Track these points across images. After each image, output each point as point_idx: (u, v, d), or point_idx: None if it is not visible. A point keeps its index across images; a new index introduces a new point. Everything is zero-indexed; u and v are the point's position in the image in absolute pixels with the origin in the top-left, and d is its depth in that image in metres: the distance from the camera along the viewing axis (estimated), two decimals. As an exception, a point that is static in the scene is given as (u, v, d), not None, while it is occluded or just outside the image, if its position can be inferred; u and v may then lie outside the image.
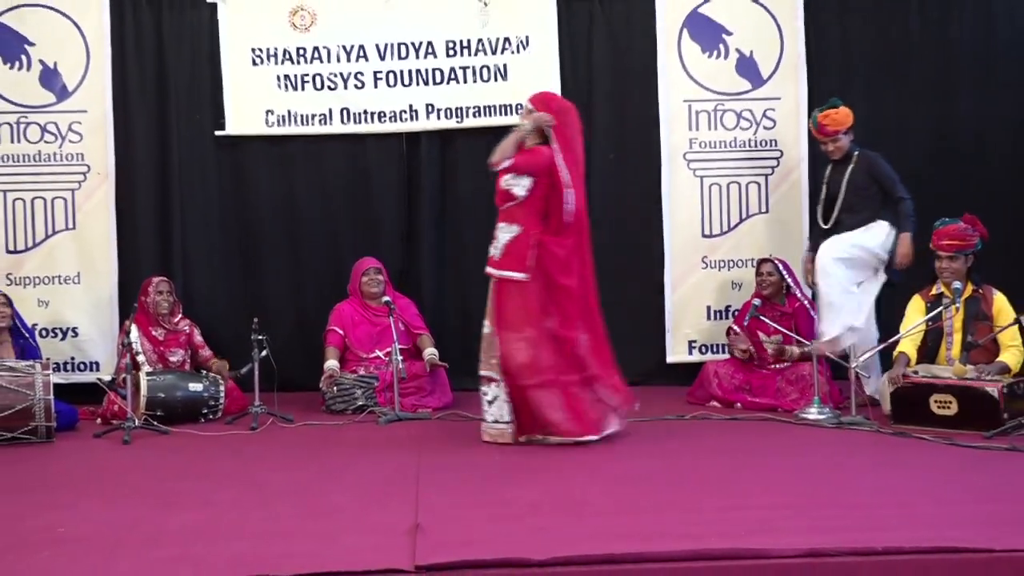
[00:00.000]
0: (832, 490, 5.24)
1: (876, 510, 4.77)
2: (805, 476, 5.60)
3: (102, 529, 4.75)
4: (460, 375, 8.32)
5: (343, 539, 4.47)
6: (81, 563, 4.20)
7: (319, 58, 8.79)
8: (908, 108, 9.04)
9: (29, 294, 8.57)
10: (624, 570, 4.06)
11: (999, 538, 4.20)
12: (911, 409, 6.74)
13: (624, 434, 6.72)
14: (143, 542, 4.52)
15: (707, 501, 5.06)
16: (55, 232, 8.69)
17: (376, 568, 4.02)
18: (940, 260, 7.19)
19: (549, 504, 5.04)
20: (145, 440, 6.96)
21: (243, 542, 4.47)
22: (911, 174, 8.87)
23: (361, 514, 4.91)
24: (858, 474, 5.62)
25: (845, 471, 5.69)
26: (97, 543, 4.51)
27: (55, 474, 6.12)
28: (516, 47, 8.83)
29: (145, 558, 4.26)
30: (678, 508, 4.93)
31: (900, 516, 4.65)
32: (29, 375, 6.95)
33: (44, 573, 4.09)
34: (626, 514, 4.84)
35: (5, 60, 8.63)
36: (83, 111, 8.68)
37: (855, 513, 4.71)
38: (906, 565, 4.09)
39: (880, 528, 4.41)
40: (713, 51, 8.92)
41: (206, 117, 8.81)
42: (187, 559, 4.21)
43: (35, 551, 4.40)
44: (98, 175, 8.69)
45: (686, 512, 4.83)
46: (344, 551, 4.25)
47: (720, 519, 4.64)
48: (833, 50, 9.02)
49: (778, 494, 5.17)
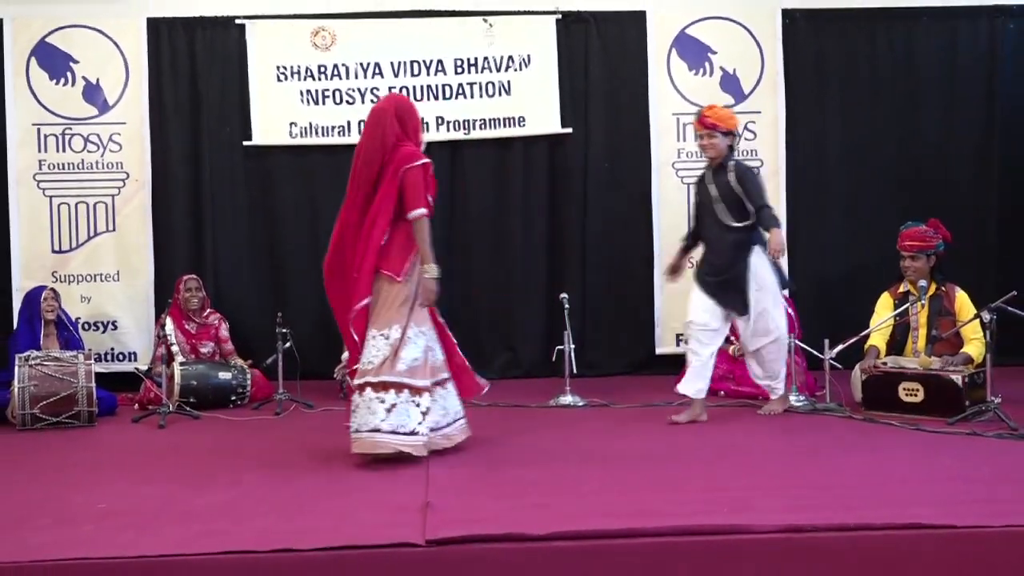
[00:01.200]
0: (808, 471, 5.24)
1: (848, 490, 4.77)
2: (783, 459, 5.60)
3: (139, 505, 4.76)
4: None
5: (359, 516, 4.47)
6: (120, 536, 4.20)
7: (339, 75, 8.78)
8: (878, 120, 9.01)
9: (73, 290, 8.57)
10: (617, 544, 4.05)
11: (961, 515, 4.20)
12: (881, 397, 6.73)
13: (617, 420, 6.71)
14: (176, 517, 4.53)
15: (693, 481, 5.06)
16: (97, 234, 8.68)
17: (389, 542, 4.02)
18: (904, 259, 7.20)
19: (548, 483, 5.04)
20: (178, 424, 6.96)
21: (267, 518, 4.47)
22: (881, 181, 8.91)
23: (376, 493, 4.91)
24: (832, 457, 5.61)
25: (820, 454, 5.68)
26: (134, 518, 4.52)
27: (96, 455, 6.13)
28: (519, 64, 8.82)
29: (178, 532, 4.26)
30: (667, 487, 4.93)
31: (870, 495, 4.64)
32: (73, 364, 6.96)
33: (86, 545, 4.09)
34: (618, 493, 4.84)
35: (52, 76, 8.62)
36: (122, 123, 8.67)
37: (829, 493, 4.71)
38: (876, 540, 4.08)
39: (852, 507, 4.41)
40: (699, 69, 8.90)
41: (235, 129, 8.80)
42: (216, 533, 4.21)
43: (78, 525, 4.41)
44: (136, 182, 8.69)
45: (674, 491, 4.82)
46: (360, 527, 4.25)
47: (705, 498, 4.63)
48: (809, 67, 9.00)
49: (758, 475, 5.16)
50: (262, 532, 4.19)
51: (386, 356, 5.47)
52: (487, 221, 9.03)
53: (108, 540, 4.15)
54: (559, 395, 7.56)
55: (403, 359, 5.49)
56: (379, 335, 5.52)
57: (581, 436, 6.33)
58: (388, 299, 5.56)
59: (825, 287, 8.96)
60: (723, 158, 6.74)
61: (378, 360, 5.48)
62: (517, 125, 8.83)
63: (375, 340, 5.52)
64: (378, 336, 5.52)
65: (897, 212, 7.97)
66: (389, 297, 5.56)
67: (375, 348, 5.51)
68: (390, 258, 5.58)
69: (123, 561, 3.94)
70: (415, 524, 4.25)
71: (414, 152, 5.61)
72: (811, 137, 9.00)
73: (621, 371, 8.86)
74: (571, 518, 4.26)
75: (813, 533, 4.09)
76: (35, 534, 4.27)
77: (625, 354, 8.98)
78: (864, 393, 6.90)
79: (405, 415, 5.45)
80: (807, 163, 8.97)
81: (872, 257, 8.57)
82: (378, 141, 5.61)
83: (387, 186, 5.56)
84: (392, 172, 5.55)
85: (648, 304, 8.83)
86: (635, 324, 8.88)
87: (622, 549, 4.04)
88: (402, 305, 5.56)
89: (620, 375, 8.77)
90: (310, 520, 4.42)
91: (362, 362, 5.54)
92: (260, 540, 4.06)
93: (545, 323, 8.91)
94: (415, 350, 5.56)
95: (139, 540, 4.13)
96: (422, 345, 5.60)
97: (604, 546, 4.05)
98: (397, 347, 5.49)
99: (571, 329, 7.66)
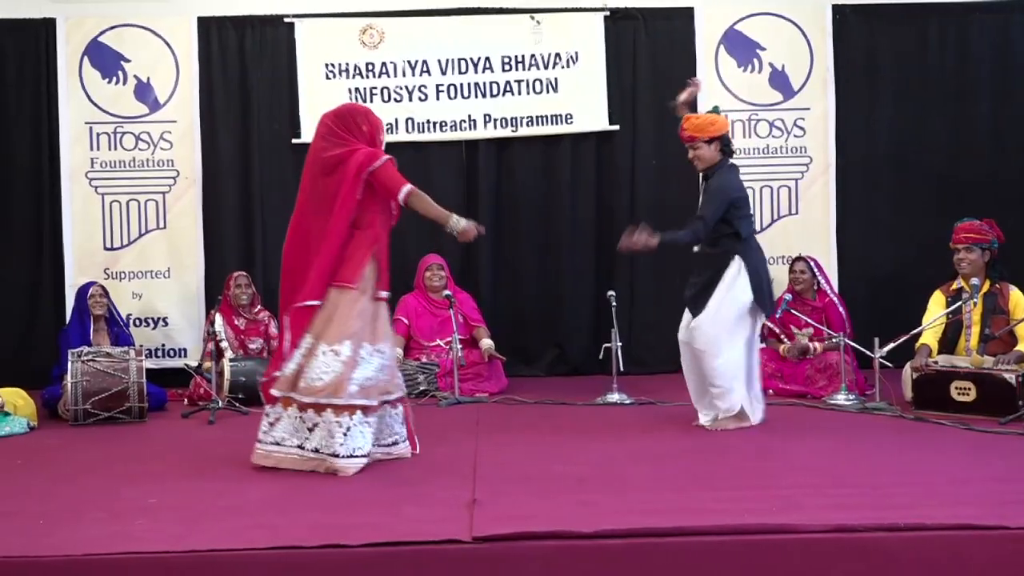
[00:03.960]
0: (857, 471, 5.19)
1: (898, 489, 4.71)
2: (832, 457, 5.55)
3: (189, 499, 4.80)
4: (514, 363, 8.38)
5: (407, 511, 4.48)
6: (170, 530, 4.24)
7: (386, 73, 8.83)
8: (929, 117, 8.94)
9: (124, 287, 8.69)
10: (664, 543, 4.03)
11: (1013, 516, 4.14)
12: (932, 396, 6.67)
13: (665, 418, 6.70)
14: (226, 511, 4.57)
15: (741, 480, 5.02)
16: (148, 231, 8.79)
17: (437, 539, 4.03)
18: (958, 252, 7.12)
19: (595, 481, 5.03)
20: (228, 420, 7.02)
21: (316, 512, 4.50)
22: (932, 179, 8.82)
23: (423, 489, 4.92)
24: (881, 456, 5.55)
25: (869, 453, 5.63)
26: (184, 512, 4.56)
27: (147, 450, 6.18)
28: (566, 62, 8.83)
29: (228, 526, 4.29)
30: (714, 486, 4.90)
31: (920, 495, 4.59)
32: (124, 360, 7.04)
33: (138, 539, 4.13)
34: (665, 491, 4.82)
35: (104, 75, 8.74)
36: (173, 121, 8.78)
37: (879, 492, 4.66)
38: (926, 541, 4.04)
39: (902, 506, 4.36)
40: (748, 65, 8.87)
41: (284, 126, 8.88)
42: (266, 527, 4.23)
43: (130, 519, 4.45)
44: (186, 179, 8.79)
45: (721, 490, 4.79)
46: (408, 523, 4.26)
47: (752, 496, 4.60)
48: (859, 64, 8.94)
49: (806, 474, 5.12)
50: (310, 527, 4.21)
51: (338, 374, 5.27)
52: (535, 219, 9.05)
53: (159, 534, 4.19)
54: (606, 393, 7.55)
55: (355, 380, 5.30)
56: (329, 350, 5.31)
57: (628, 434, 6.32)
58: (340, 310, 5.36)
59: (875, 285, 8.90)
60: (717, 164, 6.38)
61: (328, 378, 5.28)
62: (565, 122, 8.84)
63: (324, 356, 5.30)
64: (328, 352, 5.31)
65: (948, 210, 7.88)
66: (340, 308, 5.36)
67: (324, 364, 5.29)
68: (344, 267, 5.40)
69: (174, 556, 3.97)
70: (462, 520, 4.26)
71: (372, 153, 5.45)
72: (861, 134, 8.94)
73: (669, 369, 8.80)
74: (618, 516, 4.25)
75: (862, 533, 4.05)
76: (88, 528, 4.32)
77: (673, 352, 8.83)
78: (915, 392, 6.84)
79: (361, 437, 5.31)
80: (857, 160, 8.92)
81: (923, 255, 8.51)
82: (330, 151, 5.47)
83: (345, 193, 5.40)
84: (351, 178, 5.40)
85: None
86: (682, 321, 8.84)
87: (669, 548, 4.02)
88: (356, 318, 5.36)
89: (668, 373, 8.72)
90: (357, 515, 4.44)
91: (308, 377, 5.31)
92: (308, 535, 4.08)
93: (593, 320, 8.93)
94: (368, 369, 5.36)
95: (189, 534, 4.16)
96: (375, 364, 5.40)
97: (651, 544, 4.03)
98: (351, 366, 5.30)
99: (618, 327, 7.65)
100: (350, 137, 5.51)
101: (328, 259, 5.40)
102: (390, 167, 5.45)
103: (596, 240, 9.03)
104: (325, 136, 5.54)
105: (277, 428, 5.41)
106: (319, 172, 5.52)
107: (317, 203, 5.51)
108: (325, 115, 5.65)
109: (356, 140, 5.50)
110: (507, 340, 8.56)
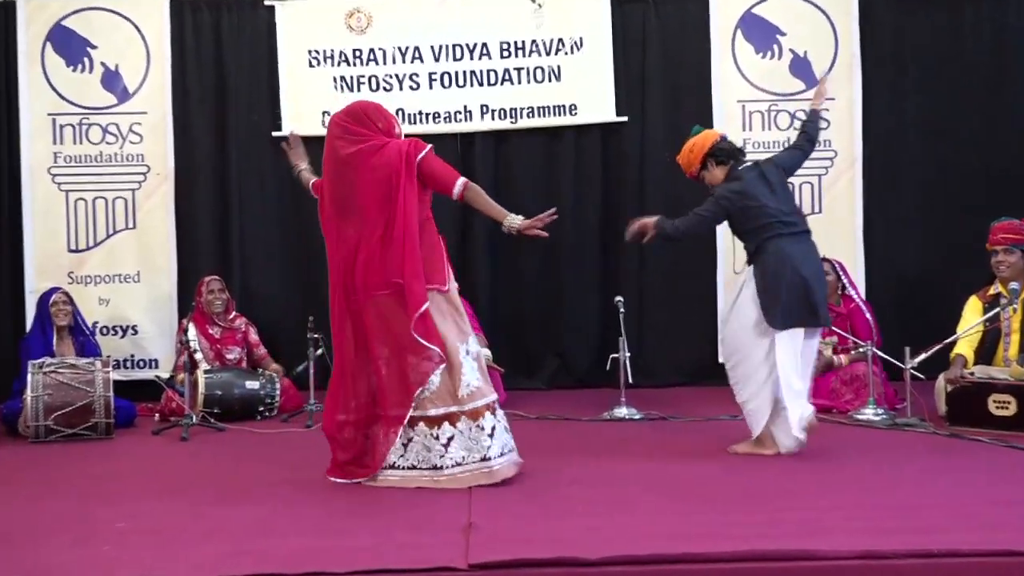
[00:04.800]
0: (887, 492, 5.19)
1: (931, 512, 4.72)
2: (859, 477, 5.55)
3: (162, 524, 4.79)
4: (514, 375, 8.37)
5: (397, 536, 4.48)
6: (142, 557, 4.24)
7: (375, 60, 8.84)
8: (962, 108, 8.95)
9: (90, 292, 8.69)
10: (676, 570, 4.03)
11: (1057, 542, 4.15)
12: (968, 410, 6.67)
13: (677, 434, 6.69)
14: (203, 537, 4.56)
15: (760, 502, 5.02)
16: (116, 231, 8.80)
17: (430, 566, 4.03)
18: (997, 254, 7.14)
19: (601, 503, 5.03)
20: (202, 437, 7.02)
21: (301, 538, 4.49)
22: (966, 174, 8.82)
23: (415, 512, 4.91)
24: (913, 476, 5.56)
25: (900, 473, 5.63)
26: (157, 538, 4.55)
27: (115, 470, 6.17)
28: (570, 48, 8.84)
29: (205, 552, 4.28)
30: (730, 508, 4.89)
31: (956, 518, 4.59)
32: (90, 372, 7.04)
33: (105, 567, 4.13)
34: (678, 514, 4.82)
35: (68, 62, 8.75)
36: (143, 112, 8.79)
37: (911, 515, 4.66)
38: (962, 568, 4.04)
39: (935, 530, 4.36)
40: (767, 52, 8.88)
41: (264, 118, 8.89)
42: (246, 553, 4.23)
43: (96, 545, 4.45)
44: (158, 175, 8.79)
45: (738, 513, 4.79)
46: (398, 549, 4.26)
47: (772, 520, 4.60)
48: (887, 50, 8.95)
49: (831, 495, 5.12)
50: (294, 553, 4.20)
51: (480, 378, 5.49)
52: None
53: (129, 561, 4.18)
54: (613, 407, 7.56)
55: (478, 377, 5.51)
56: (468, 354, 5.50)
57: (637, 452, 6.32)
58: (441, 314, 5.52)
59: (906, 289, 8.91)
60: (728, 174, 6.37)
61: (477, 382, 5.46)
62: (568, 113, 8.85)
63: (467, 359, 5.47)
64: (468, 355, 5.49)
65: (984, 207, 7.90)
66: (442, 312, 5.53)
67: (472, 369, 5.47)
68: (431, 269, 5.54)
69: (145, 584, 3.98)
70: (457, 546, 4.25)
71: (412, 142, 5.54)
72: (890, 126, 8.95)
73: (681, 381, 8.84)
74: (626, 541, 4.25)
75: (893, 560, 4.04)
76: (51, 555, 4.31)
77: (686, 362, 8.95)
78: (949, 406, 6.83)
79: (504, 433, 5.54)
80: (885, 154, 8.93)
81: (958, 257, 8.52)
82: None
83: (405, 188, 5.45)
84: (404, 171, 5.44)
85: (711, 308, 8.79)
86: (697, 330, 8.86)
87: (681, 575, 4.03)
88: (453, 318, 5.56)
89: (680, 385, 8.75)
90: (345, 541, 4.44)
91: (463, 385, 5.42)
92: (292, 562, 4.07)
93: (598, 328, 8.93)
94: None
95: (162, 561, 4.16)
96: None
97: (661, 572, 4.03)
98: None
99: (627, 335, 7.65)
100: (368, 132, 5.56)
101: (414, 262, 5.42)
102: (436, 157, 5.52)
103: (602, 241, 9.03)
104: (340, 136, 5.59)
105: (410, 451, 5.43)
106: (342, 171, 5.55)
107: (345, 207, 5.56)
108: (335, 115, 5.74)
109: (375, 135, 5.56)
110: (506, 350, 8.56)
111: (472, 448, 5.37)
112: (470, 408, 5.40)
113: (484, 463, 5.36)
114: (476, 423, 5.38)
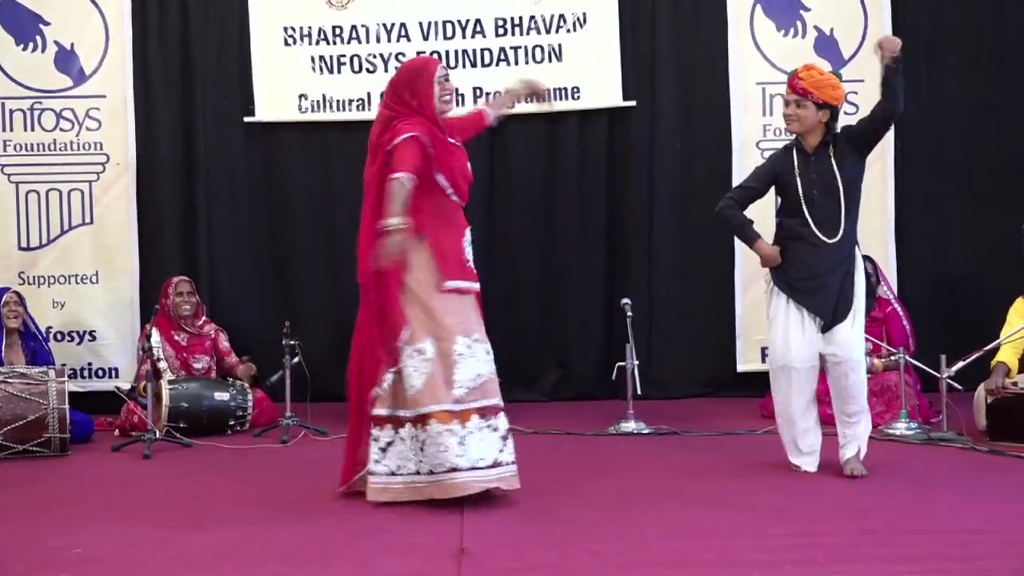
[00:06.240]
0: (919, 514, 5.21)
1: (969, 536, 4.74)
2: (890, 498, 5.57)
3: (123, 550, 4.80)
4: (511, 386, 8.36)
5: (382, 563, 4.50)
6: (100, 586, 4.27)
7: (357, 38, 8.84)
8: (1005, 92, 8.95)
9: (43, 294, 8.69)
10: (690, 600, 4.07)
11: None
12: (1010, 424, 6.70)
13: (690, 450, 6.72)
14: (167, 564, 4.58)
15: (780, 525, 5.04)
16: (71, 227, 8.80)
17: (418, 595, 4.06)
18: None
19: (607, 526, 5.05)
20: (167, 454, 7.03)
21: (276, 564, 4.52)
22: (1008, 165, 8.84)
23: (401, 536, 4.93)
24: (949, 497, 5.57)
25: (935, 493, 5.65)
26: (117, 565, 4.56)
27: (70, 491, 6.18)
28: (572, 25, 8.85)
29: (170, 581, 4.31)
30: (750, 532, 4.92)
31: (996, 544, 4.61)
32: (42, 383, 7.04)
33: (61, 597, 4.16)
34: (690, 538, 4.84)
35: (18, 41, 8.74)
36: (102, 96, 8.79)
37: (945, 540, 4.69)
38: (1003, 598, 4.08)
39: (974, 557, 4.39)
40: (789, 29, 8.89)
41: (235, 103, 8.89)
42: (215, 583, 4.26)
43: (52, 574, 4.46)
44: (117, 165, 8.80)
45: (756, 537, 4.81)
46: None
47: (796, 544, 4.63)
48: (922, 28, 8.95)
49: (859, 518, 5.14)
50: (268, 582, 4.24)
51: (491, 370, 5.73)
52: (534, 211, 9.05)
53: (86, 590, 4.21)
54: (620, 421, 7.59)
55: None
56: (480, 344, 5.71)
57: (646, 470, 6.34)
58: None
59: (942, 291, 8.91)
60: (821, 136, 6.17)
61: (487, 373, 5.72)
62: (570, 97, 8.86)
63: (475, 346, 5.68)
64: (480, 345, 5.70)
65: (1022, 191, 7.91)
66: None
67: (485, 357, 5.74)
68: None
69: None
70: (448, 573, 4.28)
71: (403, 130, 5.55)
72: (925, 112, 8.94)
73: (694, 392, 8.86)
74: (634, 568, 4.28)
75: (927, 588, 4.09)
76: (3, 583, 4.35)
77: (699, 372, 8.97)
78: (989, 419, 6.86)
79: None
80: (920, 143, 8.93)
81: (1000, 255, 8.50)
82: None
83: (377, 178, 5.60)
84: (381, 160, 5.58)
85: (728, 312, 8.83)
86: (711, 336, 8.89)
87: (696, 606, 4.07)
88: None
89: (693, 397, 8.77)
90: (326, 568, 4.46)
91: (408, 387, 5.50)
92: (265, 591, 4.11)
93: (603, 334, 8.95)
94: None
95: (123, 591, 4.19)
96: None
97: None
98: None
99: (634, 341, 7.66)
100: (398, 107, 5.66)
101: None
102: (404, 147, 5.49)
103: (607, 237, 9.05)
104: (380, 110, 5.79)
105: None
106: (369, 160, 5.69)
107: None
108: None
109: (404, 109, 5.64)
110: (502, 358, 8.47)
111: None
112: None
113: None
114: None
